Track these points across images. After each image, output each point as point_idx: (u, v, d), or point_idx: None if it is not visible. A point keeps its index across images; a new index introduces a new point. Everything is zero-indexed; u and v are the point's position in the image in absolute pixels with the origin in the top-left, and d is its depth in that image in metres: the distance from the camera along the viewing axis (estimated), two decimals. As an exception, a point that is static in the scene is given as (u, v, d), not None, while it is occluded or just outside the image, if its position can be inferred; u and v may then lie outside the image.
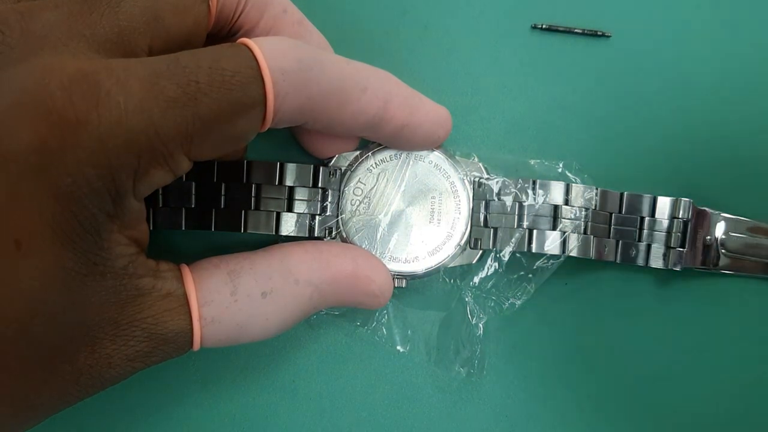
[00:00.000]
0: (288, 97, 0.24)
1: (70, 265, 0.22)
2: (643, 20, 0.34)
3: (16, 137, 0.21)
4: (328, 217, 0.31)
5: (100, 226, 0.22)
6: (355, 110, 0.26)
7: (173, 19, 0.25)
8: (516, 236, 0.31)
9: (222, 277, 0.26)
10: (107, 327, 0.23)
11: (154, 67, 0.22)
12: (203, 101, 0.23)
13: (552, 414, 0.33)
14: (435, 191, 0.31)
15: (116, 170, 0.22)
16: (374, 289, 0.28)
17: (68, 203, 0.21)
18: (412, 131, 0.28)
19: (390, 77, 0.28)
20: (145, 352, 0.24)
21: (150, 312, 0.24)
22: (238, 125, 0.24)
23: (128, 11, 0.24)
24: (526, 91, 0.34)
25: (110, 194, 0.22)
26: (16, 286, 0.21)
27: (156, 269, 0.25)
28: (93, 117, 0.21)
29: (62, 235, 0.21)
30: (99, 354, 0.23)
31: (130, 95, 0.22)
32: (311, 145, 0.31)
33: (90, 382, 0.24)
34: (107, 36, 0.24)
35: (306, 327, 0.33)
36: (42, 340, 0.22)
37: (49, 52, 0.22)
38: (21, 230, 0.21)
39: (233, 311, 0.26)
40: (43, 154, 0.21)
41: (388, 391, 0.33)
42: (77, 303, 0.22)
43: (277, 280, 0.27)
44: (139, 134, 0.22)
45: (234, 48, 0.24)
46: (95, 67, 0.22)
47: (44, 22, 0.23)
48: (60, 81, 0.21)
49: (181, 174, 0.24)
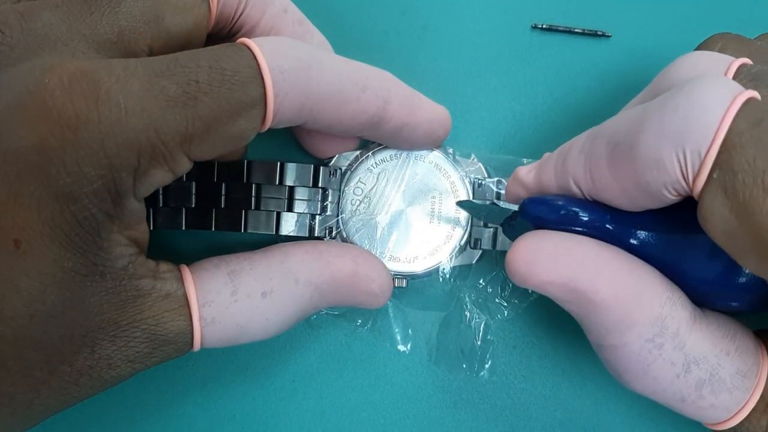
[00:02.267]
0: (288, 96, 0.24)
1: (69, 265, 0.22)
2: (643, 20, 0.34)
3: (16, 135, 0.21)
4: (329, 217, 0.31)
5: (99, 226, 0.22)
6: (354, 109, 0.26)
7: (174, 19, 0.25)
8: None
9: (222, 277, 0.26)
10: (107, 328, 0.23)
11: (153, 67, 0.22)
12: (203, 100, 0.23)
13: (552, 414, 0.33)
14: (435, 191, 0.31)
15: (116, 169, 0.22)
16: (374, 288, 0.28)
17: (68, 203, 0.21)
18: (411, 130, 0.28)
19: (389, 77, 0.28)
20: (145, 353, 0.24)
21: (150, 313, 0.24)
22: (238, 124, 0.24)
23: (128, 11, 0.24)
24: (526, 91, 0.34)
25: (110, 194, 0.22)
26: (14, 285, 0.21)
27: (156, 270, 0.25)
28: (93, 116, 0.21)
29: (62, 234, 0.21)
30: (99, 355, 0.23)
31: (129, 94, 0.22)
32: (311, 146, 0.31)
33: (90, 383, 0.24)
34: (107, 36, 0.24)
35: (306, 327, 0.33)
36: (41, 341, 0.22)
37: (48, 51, 0.23)
38: (20, 229, 0.21)
39: (233, 311, 0.26)
40: (43, 153, 0.21)
41: (388, 391, 0.33)
42: (76, 303, 0.22)
43: (277, 281, 0.27)
44: (139, 133, 0.22)
45: (233, 48, 0.24)
46: (95, 67, 0.22)
47: (44, 22, 0.23)
48: (60, 80, 0.21)
49: (182, 174, 0.24)
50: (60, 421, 0.31)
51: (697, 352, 0.24)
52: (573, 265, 0.24)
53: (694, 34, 0.34)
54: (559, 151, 0.26)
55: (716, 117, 0.20)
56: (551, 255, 0.24)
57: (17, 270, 0.21)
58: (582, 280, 0.24)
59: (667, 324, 0.24)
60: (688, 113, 0.20)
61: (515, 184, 0.27)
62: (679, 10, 0.34)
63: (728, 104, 0.20)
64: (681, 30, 0.34)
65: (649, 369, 0.24)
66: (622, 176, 0.23)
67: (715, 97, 0.20)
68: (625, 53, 0.34)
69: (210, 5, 0.26)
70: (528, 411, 0.33)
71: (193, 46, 0.26)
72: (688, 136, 0.20)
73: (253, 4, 0.27)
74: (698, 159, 0.20)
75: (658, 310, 0.24)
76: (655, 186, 0.22)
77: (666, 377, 0.24)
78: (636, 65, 0.34)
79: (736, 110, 0.20)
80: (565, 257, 0.24)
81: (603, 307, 0.24)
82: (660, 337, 0.24)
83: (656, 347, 0.24)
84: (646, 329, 0.24)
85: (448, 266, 0.31)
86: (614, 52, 0.34)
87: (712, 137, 0.20)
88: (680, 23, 0.34)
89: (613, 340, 0.24)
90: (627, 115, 0.23)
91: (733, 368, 0.24)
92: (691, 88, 0.21)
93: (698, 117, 0.20)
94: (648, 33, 0.34)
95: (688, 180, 0.21)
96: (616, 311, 0.24)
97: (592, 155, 0.24)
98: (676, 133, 0.21)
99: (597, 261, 0.24)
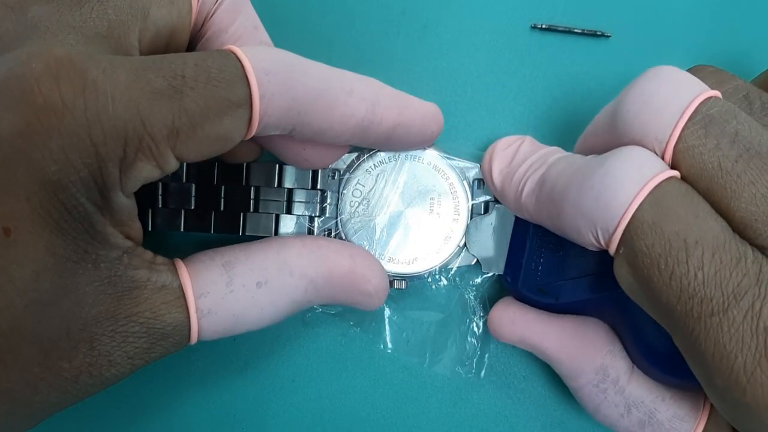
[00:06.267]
0: (274, 98, 0.24)
1: (61, 252, 0.22)
2: (643, 20, 0.34)
3: (1, 121, 0.21)
4: (327, 219, 0.31)
5: (90, 216, 0.22)
6: (343, 113, 0.26)
7: (159, 12, 0.26)
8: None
9: (217, 268, 0.26)
10: (105, 322, 0.23)
11: (141, 61, 0.23)
12: (189, 95, 0.23)
13: (552, 414, 0.33)
14: (434, 192, 0.31)
15: (102, 159, 0.22)
16: (369, 288, 0.28)
17: (56, 191, 0.21)
18: (405, 130, 0.28)
19: (375, 81, 0.28)
20: (144, 349, 0.24)
21: (146, 306, 0.24)
22: (224, 124, 0.24)
23: (117, 4, 0.24)
24: (526, 91, 0.34)
25: (97, 184, 0.22)
26: (7, 275, 0.21)
27: (152, 261, 0.25)
28: (79, 103, 0.21)
29: (52, 222, 0.21)
30: (98, 352, 0.23)
31: (116, 84, 0.22)
32: (299, 156, 0.29)
33: (90, 381, 0.24)
34: (97, 30, 0.24)
35: (306, 327, 0.33)
36: (36, 332, 0.22)
37: (37, 41, 0.22)
38: (9, 217, 0.21)
39: (229, 302, 0.26)
40: (28, 138, 0.21)
41: (388, 391, 0.33)
42: (70, 292, 0.22)
43: (272, 271, 0.27)
44: (126, 122, 0.22)
45: (219, 51, 0.24)
46: (82, 57, 0.22)
47: (34, 14, 0.23)
48: (47, 66, 0.21)
49: (169, 172, 0.24)
50: (58, 420, 0.31)
51: (635, 397, 0.28)
52: (525, 328, 0.30)
53: (694, 34, 0.34)
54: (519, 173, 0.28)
55: (623, 204, 0.22)
56: (510, 321, 0.30)
57: (8, 259, 0.21)
58: (533, 340, 0.30)
59: (609, 372, 0.29)
60: (599, 196, 0.23)
61: (487, 171, 0.30)
62: (679, 11, 0.34)
63: (636, 192, 0.22)
64: (681, 30, 0.34)
65: (598, 408, 0.29)
66: (557, 226, 0.26)
67: (625, 185, 0.23)
68: (625, 53, 0.34)
69: (192, 0, 0.27)
70: (528, 411, 0.33)
71: (178, 44, 0.27)
72: (599, 216, 0.23)
73: (225, 8, 0.27)
74: (608, 235, 0.23)
75: (600, 360, 0.29)
76: (581, 241, 0.25)
77: (613, 416, 0.29)
78: (636, 65, 0.33)
79: (643, 197, 0.22)
80: (520, 323, 0.30)
81: (556, 359, 0.30)
82: (603, 383, 0.29)
83: (601, 391, 0.29)
84: (591, 376, 0.29)
85: (447, 267, 0.31)
86: (614, 52, 0.34)
87: (617, 221, 0.23)
88: (680, 23, 0.34)
89: (572, 383, 0.30)
90: (566, 169, 0.25)
91: (670, 413, 0.28)
92: (606, 172, 0.23)
93: (607, 202, 0.23)
94: (648, 33, 0.34)
95: (603, 246, 0.24)
96: (566, 362, 0.29)
97: (539, 200, 0.27)
98: (590, 211, 0.23)
99: (544, 325, 0.30)
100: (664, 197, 0.22)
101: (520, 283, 0.30)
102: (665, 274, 0.22)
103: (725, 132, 0.23)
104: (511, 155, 0.29)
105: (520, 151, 0.29)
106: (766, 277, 0.21)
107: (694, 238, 0.21)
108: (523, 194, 0.27)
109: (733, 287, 0.21)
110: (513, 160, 0.29)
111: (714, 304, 0.21)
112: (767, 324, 0.21)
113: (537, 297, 0.30)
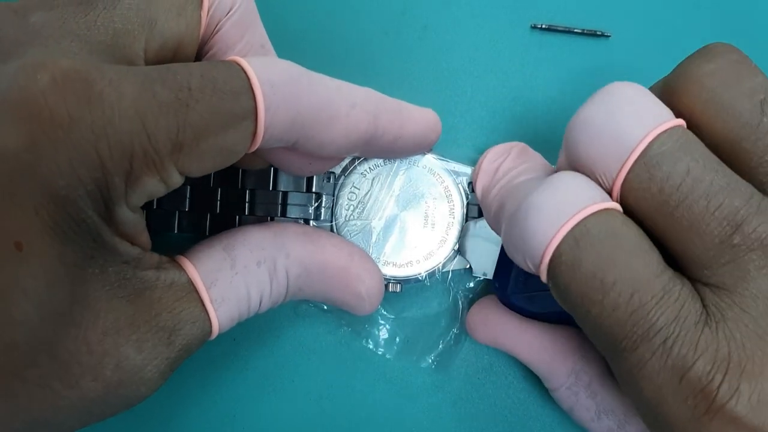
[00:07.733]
0: (279, 111, 0.24)
1: (70, 260, 0.22)
2: (643, 20, 0.34)
3: (7, 134, 0.20)
4: (323, 222, 0.31)
5: (98, 227, 0.22)
6: (346, 126, 0.26)
7: (167, 23, 0.25)
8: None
9: (219, 253, 0.26)
10: (125, 330, 0.23)
11: (146, 73, 0.22)
12: (195, 108, 0.22)
13: (552, 414, 0.33)
14: (429, 196, 0.31)
15: (109, 172, 0.22)
16: (361, 290, 0.28)
17: (64, 204, 0.21)
18: (405, 142, 0.28)
19: (375, 92, 0.27)
20: (172, 359, 0.24)
21: (162, 306, 0.24)
22: (228, 136, 0.24)
23: (123, 13, 0.24)
24: (525, 91, 0.34)
25: (103, 197, 0.22)
26: (21, 288, 0.21)
27: (158, 261, 0.25)
28: (85, 116, 0.21)
29: (61, 234, 0.21)
30: (127, 366, 0.23)
31: (122, 97, 0.21)
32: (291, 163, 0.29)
33: (116, 401, 0.24)
34: (101, 38, 0.24)
35: (306, 327, 0.33)
36: (53, 343, 0.22)
37: (41, 49, 0.22)
38: (20, 232, 0.21)
39: (236, 285, 0.26)
40: (35, 152, 0.20)
41: (388, 391, 0.33)
42: (82, 297, 0.22)
43: (270, 251, 0.27)
44: (131, 136, 0.21)
45: (224, 62, 0.24)
46: (88, 67, 0.21)
47: (36, 19, 0.23)
48: (52, 78, 0.21)
49: (173, 187, 0.24)
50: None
51: (607, 404, 0.29)
52: (499, 330, 0.31)
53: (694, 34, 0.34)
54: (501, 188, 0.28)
55: (541, 243, 0.23)
56: (483, 322, 0.31)
57: (22, 273, 0.21)
58: (506, 345, 0.31)
59: (581, 376, 0.29)
60: (523, 233, 0.23)
61: (474, 185, 0.29)
62: (679, 11, 0.34)
63: (555, 231, 0.22)
64: (681, 30, 0.34)
65: (572, 410, 0.30)
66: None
67: (542, 223, 0.23)
68: (625, 53, 0.34)
69: (201, 14, 0.26)
70: (528, 411, 0.33)
71: (185, 55, 0.26)
72: (525, 248, 0.23)
73: (233, 23, 0.27)
74: (536, 268, 0.24)
75: (571, 365, 0.29)
76: (525, 268, 0.25)
77: (585, 419, 0.30)
78: (636, 65, 0.33)
79: (562, 236, 0.22)
80: (492, 326, 0.31)
81: (529, 363, 0.31)
82: (575, 387, 0.29)
83: (573, 394, 0.30)
84: (564, 379, 0.30)
85: (443, 270, 0.31)
86: (614, 52, 0.34)
87: (540, 257, 0.23)
88: (680, 23, 0.34)
89: (547, 385, 0.31)
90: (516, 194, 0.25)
91: (641, 426, 0.28)
92: (530, 204, 0.23)
93: (529, 238, 0.23)
94: (648, 33, 0.34)
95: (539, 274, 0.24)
96: (539, 366, 0.30)
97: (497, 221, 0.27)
98: (518, 241, 0.24)
99: (518, 328, 0.30)
100: (585, 236, 0.22)
101: (508, 290, 0.30)
102: (582, 310, 0.22)
103: (674, 172, 0.22)
104: (494, 171, 0.28)
105: (501, 168, 0.28)
106: (685, 314, 0.21)
107: (611, 279, 0.21)
108: (491, 213, 0.27)
109: (649, 326, 0.21)
110: (494, 176, 0.28)
111: (626, 344, 0.22)
112: (675, 362, 0.21)
113: (524, 305, 0.30)
